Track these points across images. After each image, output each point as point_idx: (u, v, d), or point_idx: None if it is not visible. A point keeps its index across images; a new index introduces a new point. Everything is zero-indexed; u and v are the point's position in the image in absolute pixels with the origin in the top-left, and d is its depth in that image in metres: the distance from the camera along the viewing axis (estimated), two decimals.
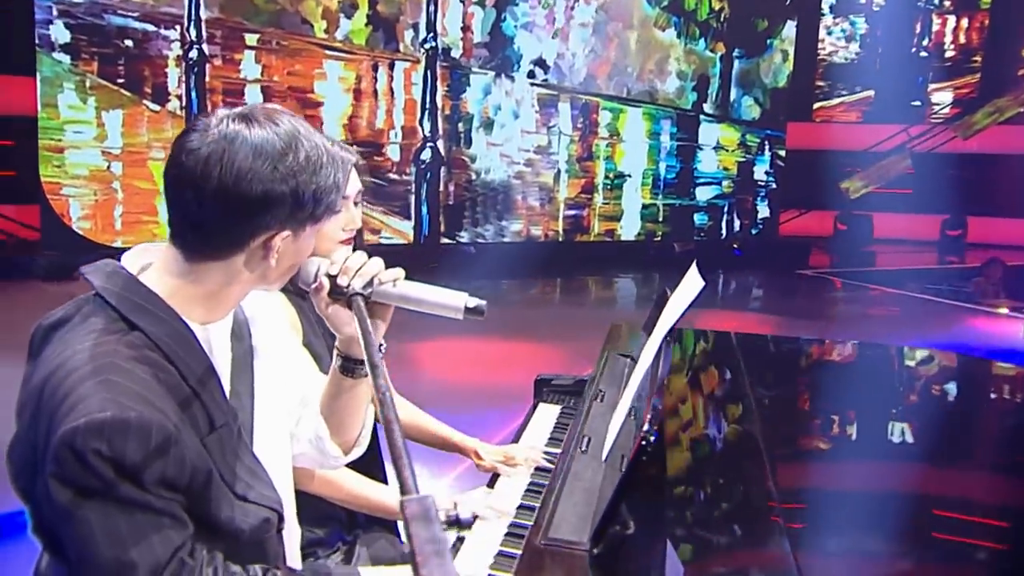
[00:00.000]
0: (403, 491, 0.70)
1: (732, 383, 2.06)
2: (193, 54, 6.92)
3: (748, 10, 9.71)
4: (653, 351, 1.68)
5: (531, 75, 8.64)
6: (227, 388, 1.11)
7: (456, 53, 8.18)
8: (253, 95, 7.24)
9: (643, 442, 1.20)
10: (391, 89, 7.92)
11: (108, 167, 6.78)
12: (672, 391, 1.80)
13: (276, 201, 1.01)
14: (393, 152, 8.05)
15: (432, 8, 7.93)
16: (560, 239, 9.10)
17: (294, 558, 1.27)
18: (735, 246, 10.18)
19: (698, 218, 10.05)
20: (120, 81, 6.65)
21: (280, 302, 1.49)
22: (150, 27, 6.72)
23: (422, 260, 7.91)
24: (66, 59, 6.43)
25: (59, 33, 6.38)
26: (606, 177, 9.32)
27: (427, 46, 7.98)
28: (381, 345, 1.19)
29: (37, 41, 6.29)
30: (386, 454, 1.77)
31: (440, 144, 8.24)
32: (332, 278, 1.13)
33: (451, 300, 1.11)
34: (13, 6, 6.22)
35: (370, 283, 1.11)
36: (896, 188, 10.83)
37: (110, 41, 6.58)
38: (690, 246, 9.97)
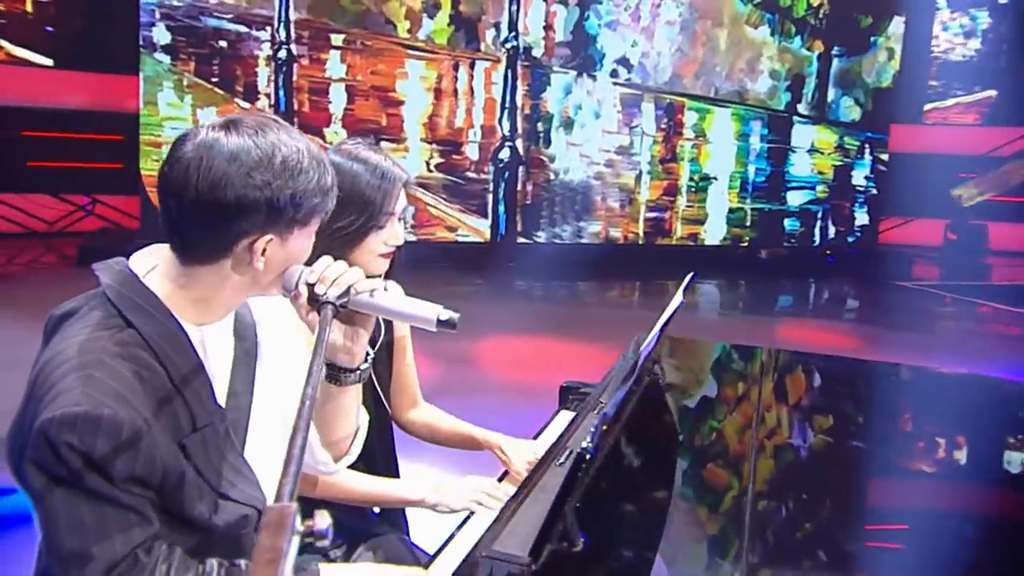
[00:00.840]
0: (276, 498, 0.71)
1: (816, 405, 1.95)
2: (282, 54, 7.26)
3: (850, 7, 9.25)
4: (628, 367, 1.63)
5: (614, 74, 8.55)
6: (225, 387, 1.15)
7: (537, 52, 8.20)
8: (337, 94, 7.52)
9: (579, 458, 1.16)
10: (471, 88, 8.03)
11: None
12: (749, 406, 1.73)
13: (250, 207, 1.04)
14: (472, 151, 8.16)
15: (514, 7, 7.99)
16: (640, 242, 8.96)
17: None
18: (828, 253, 9.71)
19: (789, 223, 9.65)
20: (214, 80, 7.06)
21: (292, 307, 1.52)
22: (243, 28, 7.10)
23: (498, 259, 7.99)
24: (166, 59, 6.89)
25: (160, 35, 6.84)
26: (690, 179, 9.10)
27: (508, 45, 8.05)
28: (368, 354, 1.23)
29: (141, 42, 6.78)
30: (401, 451, 1.82)
31: (519, 143, 8.28)
32: (311, 286, 1.14)
33: (425, 312, 1.13)
34: (120, 10, 6.73)
35: (346, 293, 1.12)
36: (1017, 196, 10.04)
37: (206, 42, 7.00)
38: (780, 252, 9.60)
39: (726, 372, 2.11)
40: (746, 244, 9.47)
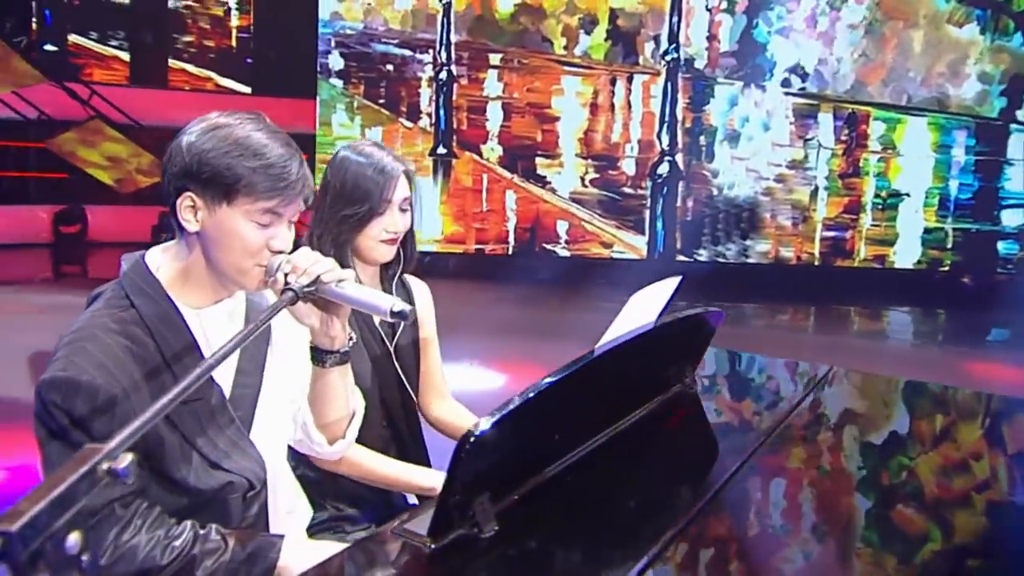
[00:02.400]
0: None
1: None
2: (443, 75, 7.67)
3: None
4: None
5: (786, 83, 8.04)
6: (232, 366, 1.28)
7: (700, 63, 7.93)
8: (494, 111, 7.79)
9: (466, 440, 1.14)
10: (628, 103, 7.95)
11: None
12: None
13: (179, 170, 1.20)
14: (628, 166, 8.06)
15: (675, 19, 7.81)
16: (816, 263, 8.29)
17: (280, 525, 1.38)
18: None
19: (1004, 247, 8.42)
20: (381, 101, 7.62)
21: None
22: (407, 52, 7.61)
23: (655, 277, 7.78)
24: (339, 83, 7.55)
25: (335, 61, 7.52)
26: (877, 195, 8.28)
27: (668, 58, 7.87)
28: (351, 338, 1.32)
29: (318, 69, 7.52)
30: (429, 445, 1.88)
31: (679, 158, 8.06)
32: (286, 275, 1.23)
33: (381, 303, 1.21)
34: (302, 40, 7.51)
35: (314, 282, 1.19)
36: None
37: (374, 66, 7.58)
38: (991, 278, 8.42)
39: (920, 409, 1.91)
40: (946, 268, 8.41)
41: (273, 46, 8.30)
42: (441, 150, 7.79)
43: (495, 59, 7.70)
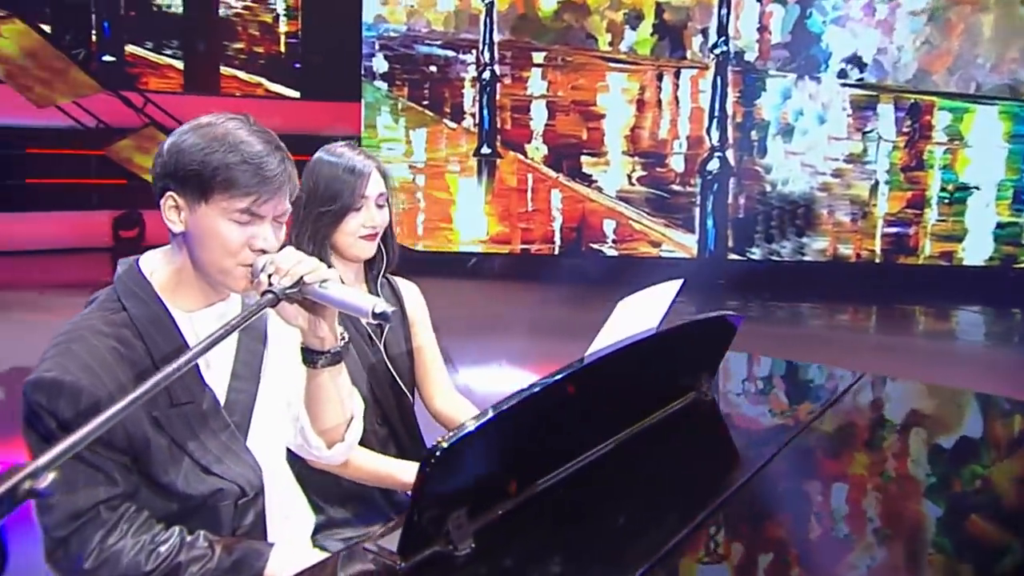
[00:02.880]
0: None
1: None
2: (486, 75, 7.64)
3: None
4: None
5: (842, 75, 7.72)
6: (227, 370, 1.28)
7: (751, 56, 7.69)
8: (538, 111, 7.72)
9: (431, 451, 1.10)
10: (676, 98, 7.77)
11: (413, 179, 7.85)
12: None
13: (160, 170, 1.22)
14: (677, 163, 7.88)
15: (724, 11, 7.59)
16: (877, 260, 7.95)
17: (278, 532, 1.36)
18: None
19: None
20: (425, 103, 7.65)
21: None
22: (451, 53, 7.61)
23: (706, 276, 7.61)
24: (384, 86, 7.61)
25: (379, 64, 7.58)
26: (943, 189, 7.88)
27: (717, 51, 7.66)
28: (343, 338, 1.30)
29: (363, 72, 7.59)
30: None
31: (729, 154, 7.84)
32: (269, 276, 1.22)
33: (363, 304, 1.18)
34: (348, 44, 7.60)
35: (297, 283, 1.18)
36: None
37: (418, 68, 7.60)
38: None
39: (994, 417, 1.80)
40: (1022, 265, 7.97)
41: (321, 50, 8.43)
42: (485, 150, 7.77)
43: (539, 57, 7.63)
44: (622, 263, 7.78)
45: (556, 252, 8.01)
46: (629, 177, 7.86)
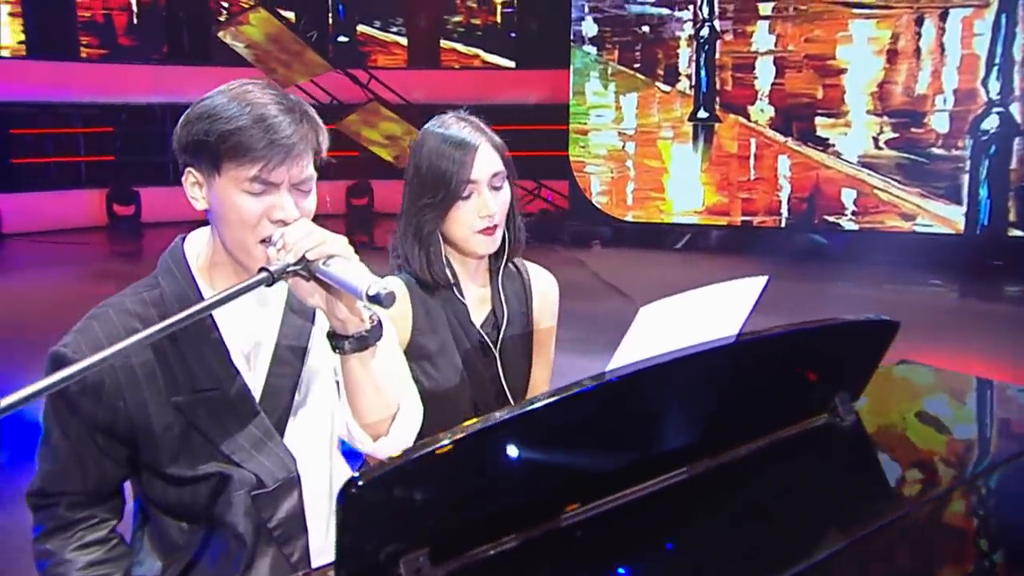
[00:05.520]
0: None
1: None
2: (704, 32, 6.98)
3: None
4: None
5: None
6: (268, 354, 1.21)
7: None
8: (764, 68, 6.89)
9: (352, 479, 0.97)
10: (940, 45, 6.47)
11: (623, 147, 7.48)
12: None
13: (178, 146, 1.14)
14: (939, 122, 6.62)
15: None
16: None
17: (317, 528, 1.29)
18: None
19: None
20: (636, 66, 7.19)
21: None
22: (665, 11, 7.03)
23: (975, 256, 6.38)
24: (592, 51, 7.27)
25: (588, 28, 7.25)
26: None
27: None
28: (375, 321, 1.17)
29: (571, 37, 7.33)
30: None
31: (1014, 109, 6.41)
32: (278, 252, 1.14)
33: (359, 284, 1.04)
34: (552, 8, 7.38)
35: (301, 260, 1.08)
36: None
37: (629, 29, 7.14)
38: None
39: None
40: None
41: (535, 18, 8.32)
42: (702, 114, 7.16)
43: (766, 8, 6.79)
44: (864, 238, 6.80)
45: (783, 224, 7.22)
46: (875, 140, 6.78)
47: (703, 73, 7.02)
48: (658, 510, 1.05)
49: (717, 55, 6.98)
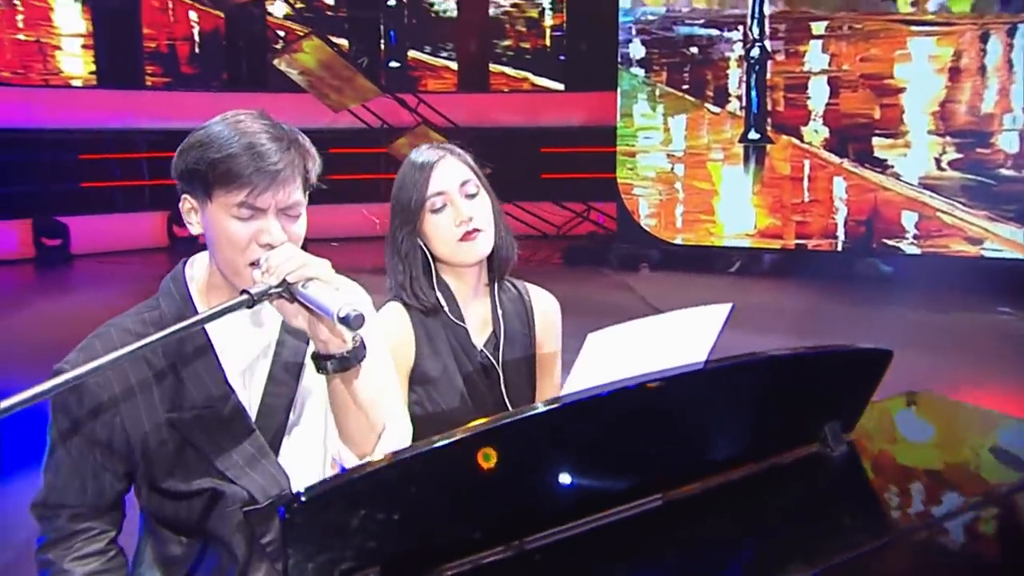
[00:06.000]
0: None
1: None
2: (755, 52, 6.83)
3: None
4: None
5: None
6: (264, 374, 1.24)
7: None
8: (818, 88, 6.70)
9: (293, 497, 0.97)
10: (1008, 62, 6.18)
11: (671, 169, 7.37)
12: None
13: (175, 174, 1.19)
14: (1007, 142, 6.32)
15: None
16: None
17: None
18: None
19: None
20: (684, 87, 7.09)
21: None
22: (714, 32, 6.93)
23: None
24: (640, 72, 7.19)
25: (636, 50, 7.19)
26: None
27: None
28: (357, 342, 1.20)
29: (619, 59, 7.29)
30: None
31: None
32: (263, 275, 1.19)
33: (330, 307, 1.07)
34: (600, 30, 7.36)
35: (281, 283, 1.11)
36: None
37: (677, 51, 7.05)
38: None
39: None
40: None
41: (584, 41, 8.32)
42: (753, 135, 7.01)
43: (819, 28, 6.62)
44: (927, 263, 6.51)
45: (840, 248, 6.98)
46: (937, 161, 6.51)
47: (754, 94, 6.87)
48: (629, 536, 1.03)
49: (768, 75, 6.83)
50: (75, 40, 7.94)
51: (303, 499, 0.88)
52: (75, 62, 8.00)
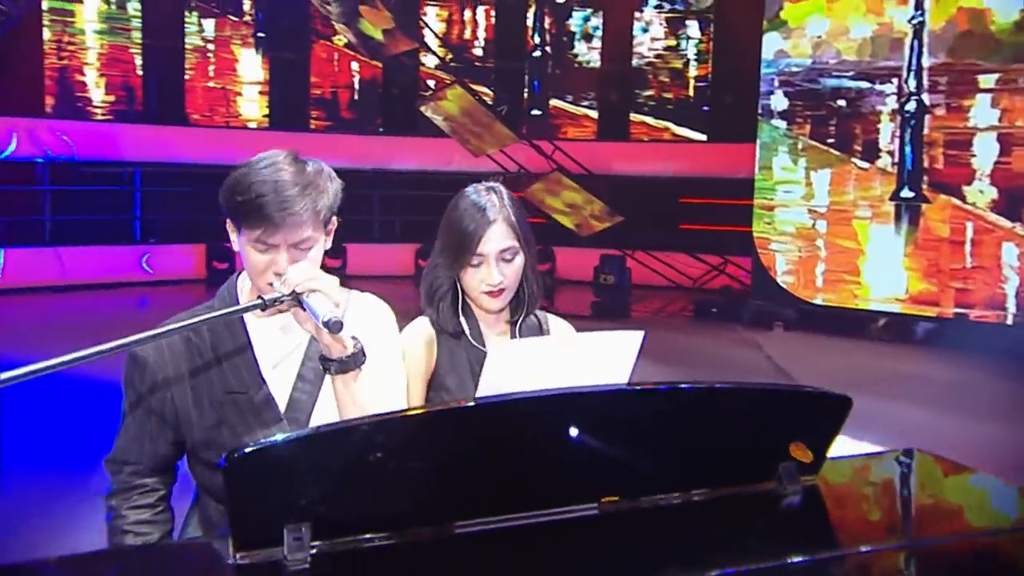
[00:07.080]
0: None
1: None
2: (910, 106, 6.36)
3: None
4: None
5: None
6: (294, 371, 1.42)
7: None
8: (985, 145, 6.12)
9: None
10: None
11: (813, 225, 6.98)
12: None
13: (220, 201, 1.39)
14: None
15: None
16: None
17: None
18: None
19: None
20: (830, 141, 6.71)
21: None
22: (864, 84, 6.54)
23: None
24: (782, 124, 6.90)
25: (778, 102, 6.93)
26: None
27: None
28: (356, 346, 1.36)
29: (760, 111, 7.05)
30: None
31: None
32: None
33: (320, 313, 1.24)
34: (745, 82, 7.15)
35: (292, 293, 1.28)
36: None
37: (823, 103, 6.70)
38: None
39: None
40: None
41: (729, 92, 8.13)
42: (906, 193, 6.51)
43: (987, 81, 6.07)
44: None
45: (1009, 321, 6.28)
46: None
47: (908, 149, 6.41)
48: (556, 537, 1.09)
49: (925, 130, 6.35)
50: (254, 87, 8.90)
51: (243, 453, 0.99)
52: (252, 106, 8.95)
